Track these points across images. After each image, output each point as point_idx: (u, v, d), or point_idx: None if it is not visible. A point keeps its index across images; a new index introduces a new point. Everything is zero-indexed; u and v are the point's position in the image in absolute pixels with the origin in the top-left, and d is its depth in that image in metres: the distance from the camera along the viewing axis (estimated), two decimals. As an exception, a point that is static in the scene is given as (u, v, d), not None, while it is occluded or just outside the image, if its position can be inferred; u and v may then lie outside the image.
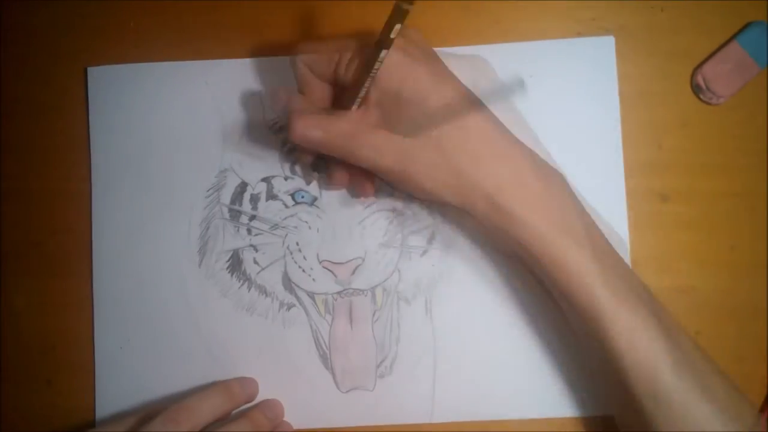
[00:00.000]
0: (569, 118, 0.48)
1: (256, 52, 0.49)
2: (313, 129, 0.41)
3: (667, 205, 0.48)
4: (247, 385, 0.46)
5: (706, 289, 0.47)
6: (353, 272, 0.47)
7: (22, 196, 0.49)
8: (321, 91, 0.44)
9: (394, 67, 0.40)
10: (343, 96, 0.43)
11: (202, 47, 0.49)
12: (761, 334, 0.47)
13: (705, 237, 0.47)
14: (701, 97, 0.48)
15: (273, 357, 0.47)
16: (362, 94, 0.41)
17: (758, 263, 0.47)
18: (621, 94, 0.48)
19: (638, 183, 0.48)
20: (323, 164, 0.46)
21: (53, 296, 0.48)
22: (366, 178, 0.45)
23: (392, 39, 0.37)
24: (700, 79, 0.47)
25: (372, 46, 0.38)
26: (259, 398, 0.47)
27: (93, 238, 0.48)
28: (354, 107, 0.41)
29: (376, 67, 0.39)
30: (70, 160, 0.49)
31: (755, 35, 0.47)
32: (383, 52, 0.38)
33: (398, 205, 0.48)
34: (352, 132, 0.41)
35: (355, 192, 0.47)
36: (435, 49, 0.44)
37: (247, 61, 0.49)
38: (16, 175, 0.49)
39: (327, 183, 0.47)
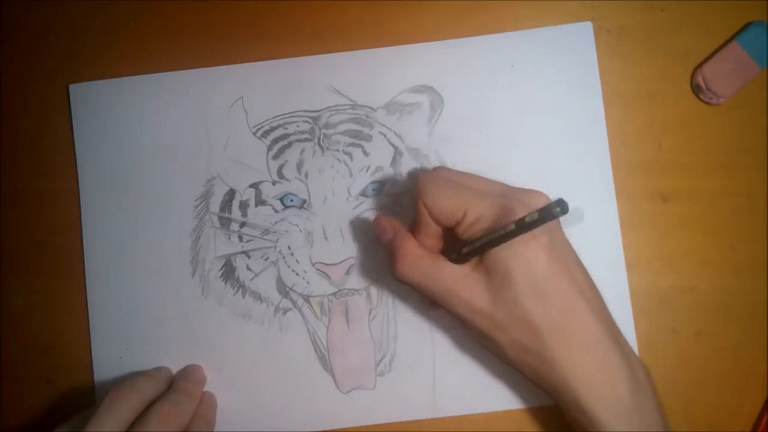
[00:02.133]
0: (552, 105, 0.48)
1: (246, 58, 0.49)
2: (416, 275, 0.41)
3: (667, 205, 0.48)
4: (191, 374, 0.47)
5: (706, 289, 0.47)
6: (347, 272, 0.47)
7: (21, 197, 0.49)
8: (432, 236, 0.43)
9: (519, 249, 0.39)
10: (452, 245, 0.42)
11: (200, 54, 0.49)
12: (761, 334, 0.47)
13: (705, 237, 0.47)
14: (701, 97, 0.48)
15: (271, 362, 0.47)
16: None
17: (758, 263, 0.47)
18: (621, 93, 0.48)
19: (638, 183, 0.47)
20: None
21: (53, 296, 0.48)
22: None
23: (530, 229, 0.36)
24: (700, 79, 0.47)
25: (504, 223, 0.38)
26: (260, 404, 0.47)
27: (84, 254, 0.48)
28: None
29: (501, 242, 0.38)
30: (59, 170, 0.49)
31: (755, 35, 0.47)
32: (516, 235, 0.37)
33: (387, 202, 0.48)
34: (453, 288, 0.40)
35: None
36: (428, 43, 0.45)
37: (228, 68, 0.49)
38: (13, 177, 0.49)
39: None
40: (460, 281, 0.40)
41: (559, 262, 0.39)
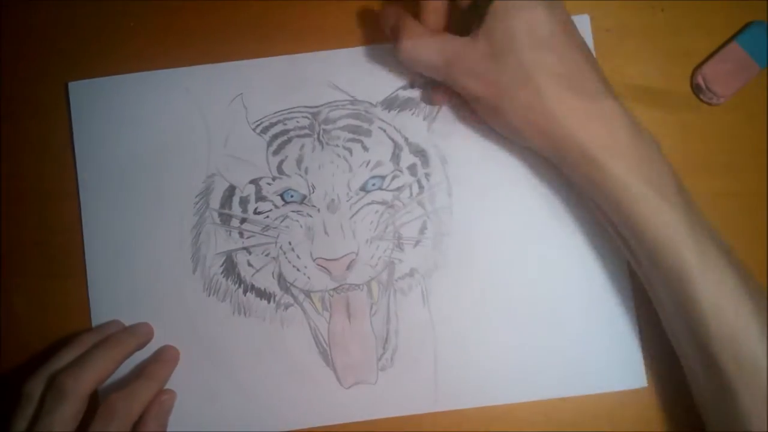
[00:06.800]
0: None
1: (245, 54, 0.49)
2: (420, 50, 0.43)
3: (667, 205, 0.48)
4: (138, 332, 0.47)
5: (706, 289, 0.47)
6: (347, 267, 0.47)
7: (21, 197, 0.49)
8: (435, 15, 0.44)
9: (521, 12, 0.41)
10: (456, 21, 0.44)
11: (199, 51, 0.49)
12: (762, 334, 0.47)
13: (705, 237, 0.47)
14: (701, 97, 0.48)
15: (273, 358, 0.47)
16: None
17: (758, 263, 0.47)
18: (621, 93, 0.47)
19: (638, 183, 0.47)
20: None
21: (53, 296, 0.48)
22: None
23: None
24: (700, 79, 0.47)
25: None
26: (262, 399, 0.47)
27: (85, 253, 0.48)
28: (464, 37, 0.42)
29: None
30: (59, 168, 0.49)
31: (755, 35, 0.47)
32: None
33: (388, 197, 0.48)
34: (456, 58, 0.42)
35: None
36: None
37: (227, 65, 0.49)
38: (13, 176, 0.49)
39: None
40: (463, 50, 0.42)
41: (560, 21, 0.41)
